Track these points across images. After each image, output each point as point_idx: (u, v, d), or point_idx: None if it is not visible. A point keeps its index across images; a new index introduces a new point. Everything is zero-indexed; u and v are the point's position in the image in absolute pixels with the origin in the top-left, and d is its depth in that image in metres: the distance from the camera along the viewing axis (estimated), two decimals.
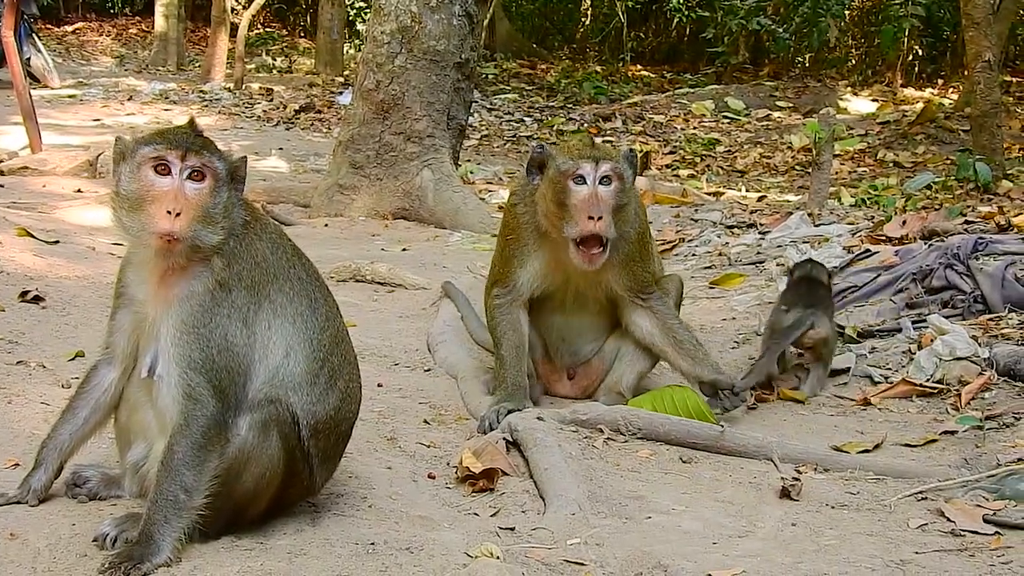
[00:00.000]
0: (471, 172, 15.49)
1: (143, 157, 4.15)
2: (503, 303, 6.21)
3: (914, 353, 6.82)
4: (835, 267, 8.46)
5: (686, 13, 26.78)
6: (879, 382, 6.71)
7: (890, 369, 6.84)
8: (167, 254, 4.09)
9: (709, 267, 9.80)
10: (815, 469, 5.45)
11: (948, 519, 4.77)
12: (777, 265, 9.35)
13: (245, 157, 4.39)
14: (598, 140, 6.32)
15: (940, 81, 25.02)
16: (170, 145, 4.15)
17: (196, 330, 4.08)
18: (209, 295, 4.12)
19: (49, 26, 31.82)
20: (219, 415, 4.06)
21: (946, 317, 7.14)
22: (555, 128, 21.50)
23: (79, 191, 12.05)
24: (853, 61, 26.67)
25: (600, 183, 5.91)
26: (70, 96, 21.65)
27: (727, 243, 10.48)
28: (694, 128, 21.24)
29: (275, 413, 4.16)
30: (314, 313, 4.35)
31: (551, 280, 6.19)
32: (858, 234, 9.68)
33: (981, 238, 7.96)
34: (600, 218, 5.82)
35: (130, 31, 33.82)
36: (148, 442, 4.32)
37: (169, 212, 4.06)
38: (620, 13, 28.39)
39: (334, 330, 4.45)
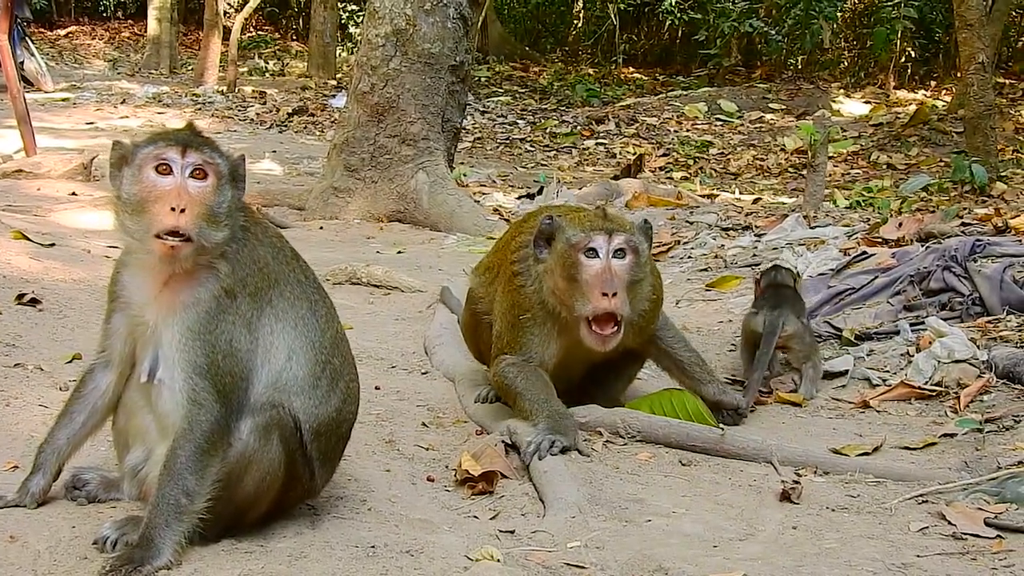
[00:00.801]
0: (464, 175, 15.49)
1: (144, 158, 4.13)
2: (516, 363, 5.78)
3: (912, 355, 6.81)
4: (832, 269, 8.46)
5: (678, 15, 26.82)
6: (877, 385, 6.70)
7: (888, 372, 6.84)
8: (173, 258, 4.05)
9: (705, 269, 9.78)
10: (815, 472, 5.43)
11: (949, 522, 4.75)
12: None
13: (243, 156, 4.36)
14: (611, 210, 6.01)
15: (933, 83, 25.05)
16: (170, 144, 4.13)
17: (202, 336, 4.07)
18: (215, 301, 4.10)
19: (42, 30, 31.84)
20: (223, 419, 4.06)
21: (944, 319, 7.13)
22: (548, 131, 21.52)
23: (74, 194, 12.03)
24: (846, 63, 26.71)
25: (614, 256, 5.54)
26: (63, 99, 21.63)
27: (723, 245, 10.47)
28: (687, 130, 21.25)
29: (276, 417, 4.15)
30: (314, 315, 4.35)
31: (566, 354, 5.87)
32: (854, 236, 9.67)
33: (979, 240, 7.95)
34: (615, 294, 5.45)
35: (123, 34, 33.83)
36: (146, 446, 4.31)
37: (173, 209, 4.03)
38: (612, 15, 28.42)
39: (333, 332, 4.45)
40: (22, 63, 20.34)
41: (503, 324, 5.91)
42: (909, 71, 25.14)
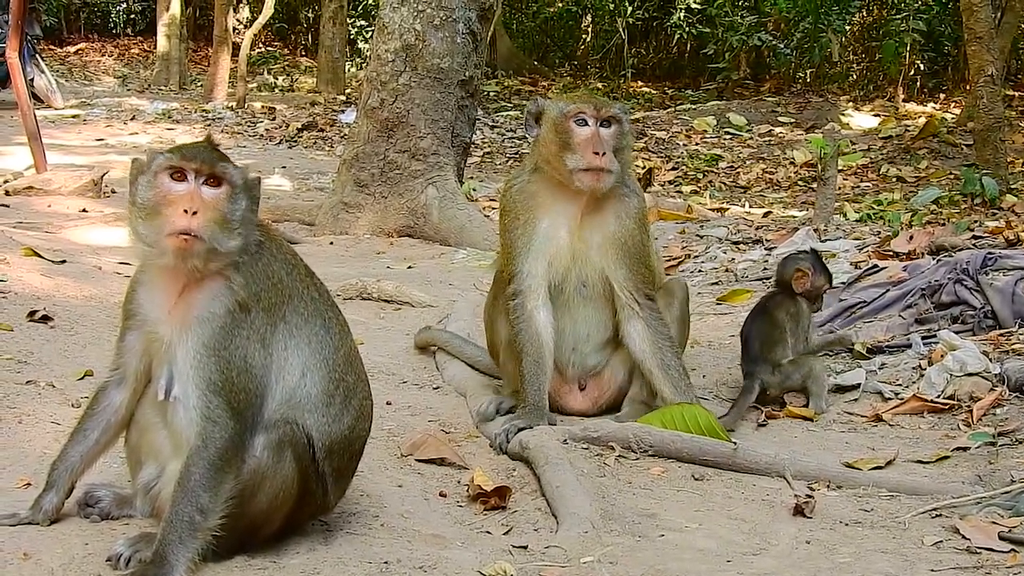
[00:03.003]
0: (473, 189, 15.47)
1: (159, 166, 4.17)
2: (520, 303, 6.16)
3: (924, 369, 6.79)
4: (843, 283, 8.44)
5: (687, 29, 26.84)
6: (890, 398, 6.67)
7: (900, 385, 6.82)
8: (185, 256, 4.06)
9: (716, 283, 9.78)
10: (828, 486, 5.42)
11: (963, 536, 4.74)
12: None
13: (259, 177, 4.40)
14: None
15: (942, 96, 24.99)
16: (185, 153, 4.18)
17: (217, 352, 4.08)
18: (229, 316, 4.12)
19: (52, 47, 31.88)
20: (237, 436, 4.07)
21: (956, 333, 7.11)
22: None
23: (84, 211, 12.06)
24: (855, 76, 26.66)
25: (601, 125, 6.09)
26: (73, 116, 21.68)
27: (733, 259, 10.46)
28: (696, 144, 21.20)
29: (289, 433, 4.16)
30: (328, 332, 4.36)
31: (557, 264, 6.18)
32: (865, 249, 9.65)
33: (990, 253, 7.93)
34: (604, 153, 6.00)
35: (132, 51, 33.87)
36: (159, 463, 4.33)
37: (186, 211, 4.06)
38: (621, 30, 28.43)
39: (347, 348, 4.46)
40: (32, 80, 20.36)
41: (501, 246, 6.44)
42: (918, 84, 25.09)
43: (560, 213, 6.18)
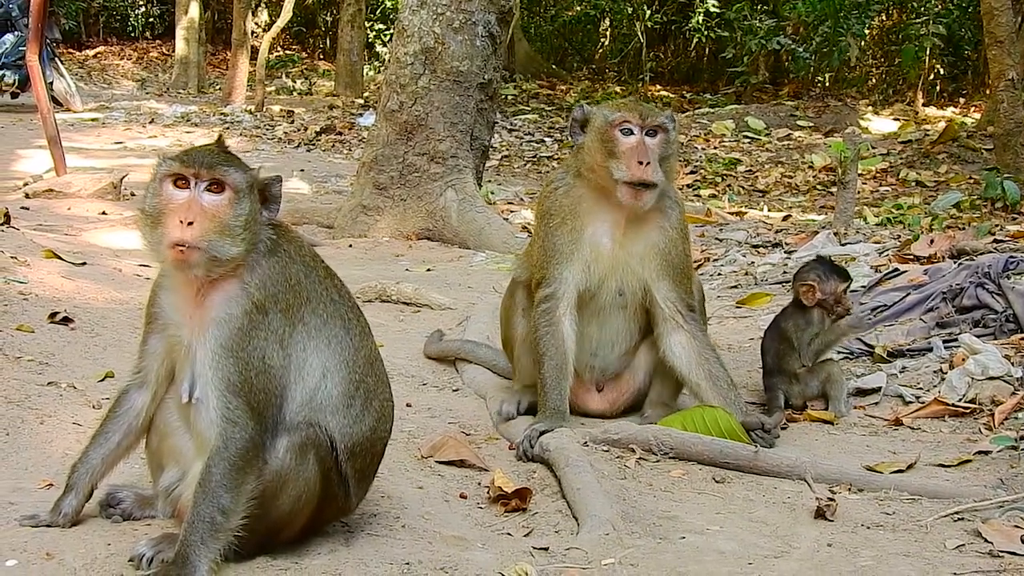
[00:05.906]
0: (492, 193, 15.47)
1: (163, 173, 4.19)
2: (549, 308, 6.11)
3: (946, 372, 6.77)
4: (863, 286, 8.41)
5: (705, 33, 26.85)
6: (911, 402, 6.65)
7: (921, 389, 6.79)
8: (183, 266, 4.09)
9: (735, 286, 9.76)
10: (849, 489, 5.40)
11: (985, 540, 4.72)
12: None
13: (279, 177, 4.38)
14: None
15: (962, 100, 24.98)
16: (187, 159, 4.18)
17: (235, 353, 4.09)
18: (246, 318, 4.12)
19: (71, 50, 32.07)
20: (257, 437, 4.07)
21: (977, 336, 7.08)
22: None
23: (103, 213, 12.10)
24: (874, 80, 26.66)
25: (646, 134, 6.04)
26: (92, 119, 21.77)
27: (753, 262, 10.45)
28: (715, 148, 21.19)
29: (312, 435, 4.17)
30: (348, 334, 4.36)
31: (596, 271, 6.14)
32: (885, 253, 9.63)
33: (1012, 257, 7.89)
34: (648, 163, 5.94)
35: (151, 55, 34.05)
36: (181, 467, 4.35)
37: (181, 222, 4.07)
38: (639, 33, 28.46)
39: (367, 350, 4.46)
40: (51, 83, 20.47)
41: (536, 247, 6.33)
42: (938, 88, 25.09)
43: (604, 220, 6.14)
